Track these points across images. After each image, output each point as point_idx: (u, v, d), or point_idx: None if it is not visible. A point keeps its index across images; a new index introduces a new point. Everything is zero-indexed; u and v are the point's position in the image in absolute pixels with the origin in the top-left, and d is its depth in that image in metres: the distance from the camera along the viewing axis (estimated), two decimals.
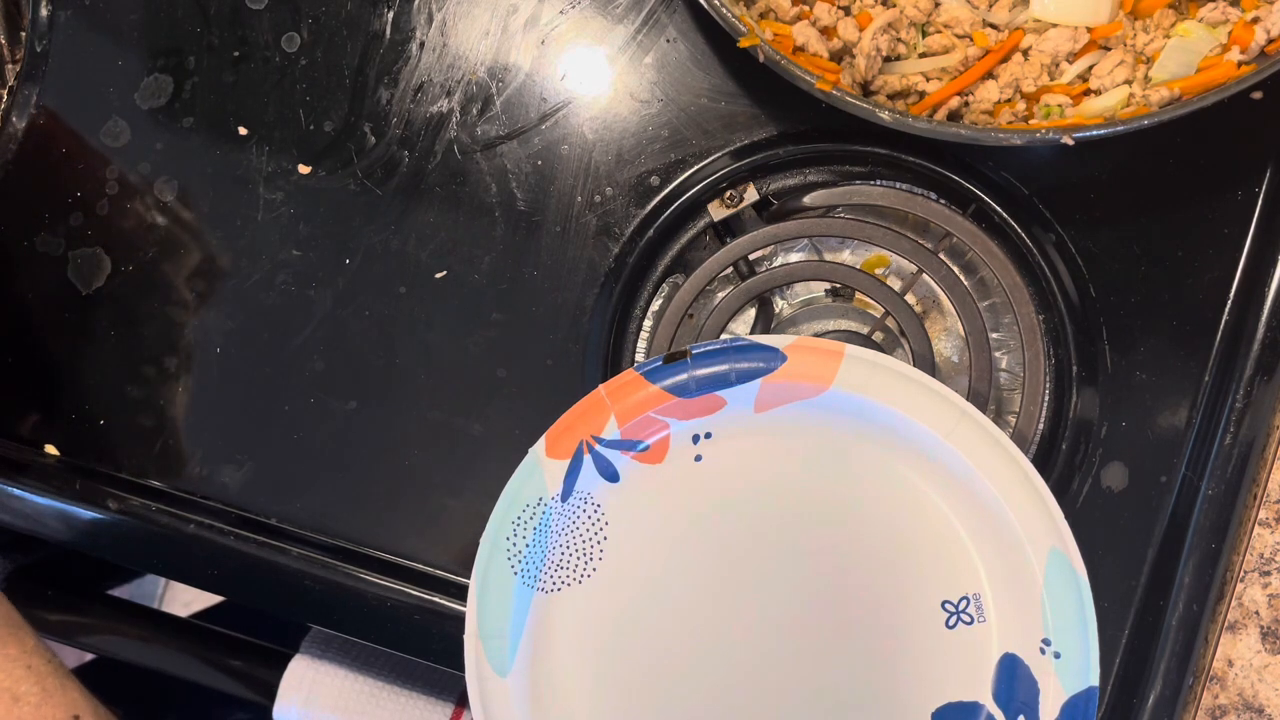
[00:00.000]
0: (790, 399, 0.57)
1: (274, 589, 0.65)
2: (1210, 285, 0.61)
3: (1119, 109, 0.58)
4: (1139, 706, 0.61)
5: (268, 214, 0.65)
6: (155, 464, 0.66)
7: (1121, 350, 0.62)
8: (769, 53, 0.56)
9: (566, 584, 0.59)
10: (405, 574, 0.64)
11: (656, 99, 0.64)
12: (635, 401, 0.57)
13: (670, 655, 0.58)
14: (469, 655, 0.57)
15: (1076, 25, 0.58)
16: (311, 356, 0.65)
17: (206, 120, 0.66)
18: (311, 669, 0.69)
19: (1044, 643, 0.56)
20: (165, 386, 0.66)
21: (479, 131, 0.65)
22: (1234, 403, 0.60)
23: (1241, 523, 0.61)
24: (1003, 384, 0.64)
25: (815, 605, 0.58)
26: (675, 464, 0.58)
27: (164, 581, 1.25)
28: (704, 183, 0.63)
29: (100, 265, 0.66)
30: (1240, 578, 0.62)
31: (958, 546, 0.57)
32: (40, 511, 0.66)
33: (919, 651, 0.57)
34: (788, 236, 0.63)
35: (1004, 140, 0.54)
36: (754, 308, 0.65)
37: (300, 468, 0.65)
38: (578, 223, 0.64)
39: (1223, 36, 0.57)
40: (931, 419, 0.56)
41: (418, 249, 0.65)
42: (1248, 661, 0.62)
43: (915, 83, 0.60)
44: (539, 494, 0.57)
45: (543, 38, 0.65)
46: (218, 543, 0.64)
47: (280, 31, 0.66)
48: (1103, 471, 0.62)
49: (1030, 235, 0.63)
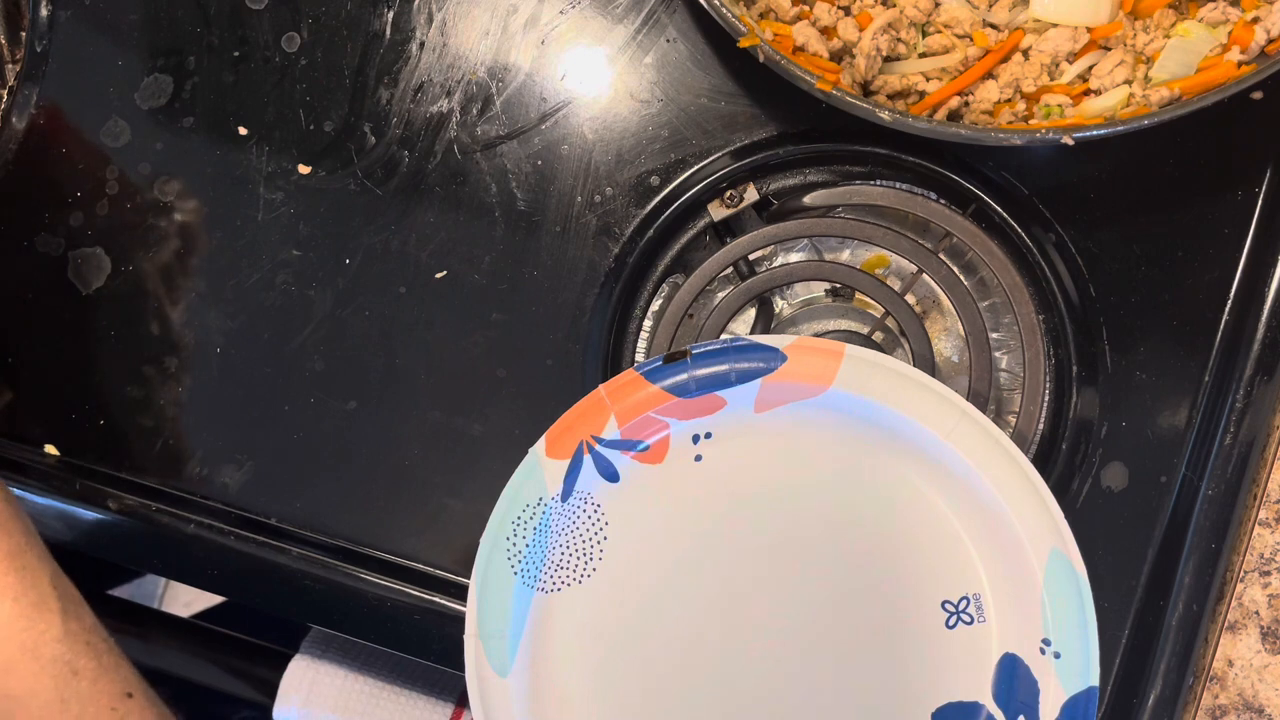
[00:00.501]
0: (790, 399, 0.57)
1: (274, 589, 0.65)
2: (1210, 285, 0.61)
3: (1119, 109, 0.58)
4: (1139, 706, 0.61)
5: (268, 214, 0.65)
6: (155, 464, 0.66)
7: (1121, 350, 0.62)
8: (769, 53, 0.56)
9: (566, 584, 0.59)
10: (405, 574, 0.64)
11: (656, 99, 0.64)
12: (635, 401, 0.57)
13: (670, 655, 0.58)
14: (469, 655, 0.57)
15: (1076, 25, 0.58)
16: (311, 356, 0.65)
17: (206, 120, 0.66)
18: (311, 669, 0.69)
19: (1044, 643, 0.56)
20: (165, 386, 0.66)
21: (479, 131, 0.65)
22: (1234, 403, 0.60)
23: (1241, 523, 0.61)
24: (1003, 384, 0.64)
25: (815, 605, 0.58)
26: (675, 464, 0.58)
27: (164, 581, 1.25)
28: (704, 183, 0.63)
29: (100, 265, 0.66)
30: (1240, 578, 0.62)
31: (958, 546, 0.57)
32: (40, 511, 0.66)
33: (919, 651, 0.57)
34: (788, 236, 0.63)
35: (1004, 140, 0.54)
36: (754, 308, 0.65)
37: (300, 468, 0.65)
38: (578, 223, 0.64)
39: (1223, 36, 0.57)
40: (931, 419, 0.56)
41: (418, 249, 0.65)
42: (1248, 661, 0.62)
43: (915, 83, 0.60)
44: (539, 494, 0.57)
45: (543, 38, 0.65)
46: (218, 543, 0.64)
47: (280, 31, 0.66)
48: (1103, 471, 0.62)
49: (1030, 235, 0.63)
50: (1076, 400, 0.63)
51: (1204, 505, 0.60)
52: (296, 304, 0.65)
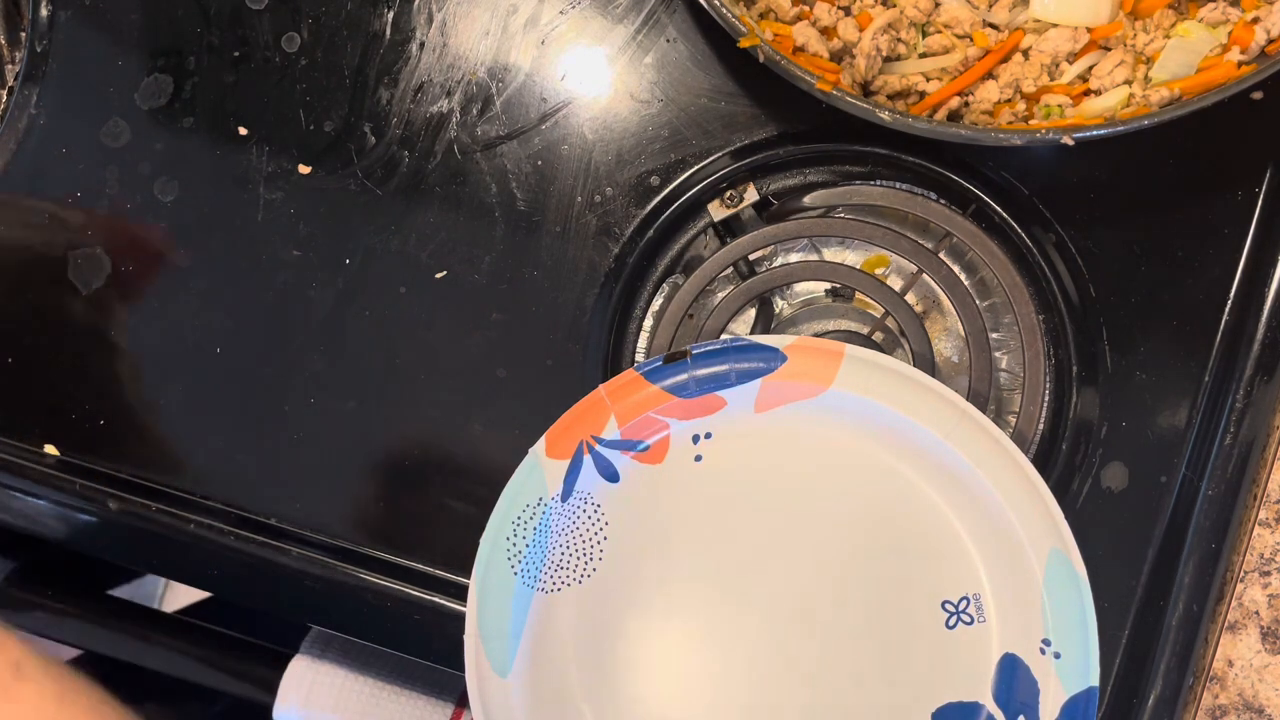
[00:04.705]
0: (790, 399, 0.57)
1: (274, 589, 0.65)
2: (1210, 285, 0.61)
3: (1119, 109, 0.58)
4: (1139, 706, 0.61)
5: (268, 214, 0.65)
6: (155, 464, 0.66)
7: (1121, 350, 0.62)
8: (769, 53, 0.56)
9: (566, 584, 0.59)
10: (405, 574, 0.64)
11: (656, 99, 0.64)
12: (635, 401, 0.57)
13: (670, 655, 0.58)
14: (469, 655, 0.57)
15: (1076, 25, 0.58)
16: (311, 356, 0.65)
17: (206, 120, 0.66)
18: (311, 669, 0.69)
19: (1044, 643, 0.56)
20: (165, 386, 0.66)
21: (479, 131, 0.65)
22: (1234, 403, 0.60)
23: (1241, 523, 0.61)
24: (1003, 384, 0.64)
25: (815, 605, 0.58)
26: (675, 464, 0.58)
27: (164, 581, 1.25)
28: (704, 183, 0.63)
29: (100, 265, 0.66)
30: (1240, 578, 0.62)
31: (958, 546, 0.57)
32: (40, 511, 0.66)
33: (919, 651, 0.57)
34: (788, 236, 0.63)
35: (1004, 140, 0.54)
36: (754, 308, 0.65)
37: (300, 468, 0.65)
38: (578, 223, 0.64)
39: (1223, 36, 0.57)
40: (931, 419, 0.56)
41: (418, 249, 0.65)
42: (1248, 661, 0.62)
43: (915, 83, 0.60)
44: (539, 494, 0.57)
45: (543, 38, 0.65)
46: (218, 543, 0.64)
47: (280, 31, 0.66)
48: (1103, 471, 0.62)
49: (1030, 235, 0.63)
50: (1076, 400, 0.63)
51: (1204, 505, 0.60)
52: (296, 304, 0.65)
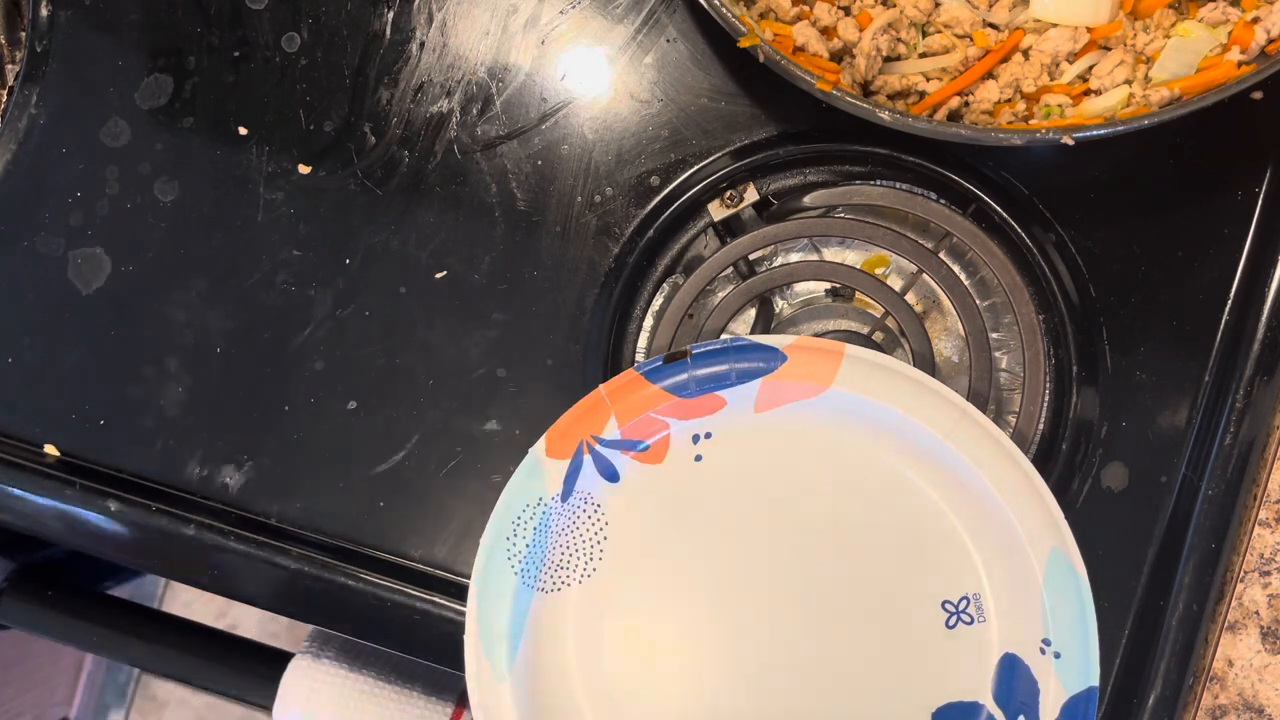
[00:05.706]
0: (790, 399, 0.57)
1: (274, 589, 0.65)
2: (1210, 285, 0.61)
3: (1119, 109, 0.58)
4: (1139, 706, 0.61)
5: (268, 214, 0.65)
6: (155, 464, 0.66)
7: (1121, 350, 0.62)
8: (769, 53, 0.56)
9: (566, 584, 0.59)
10: (405, 574, 0.64)
11: (656, 99, 0.64)
12: (635, 401, 0.57)
13: (670, 655, 0.58)
14: (469, 655, 0.57)
15: (1076, 25, 0.58)
16: (311, 356, 0.65)
17: (206, 120, 0.66)
18: (311, 669, 0.69)
19: (1044, 643, 0.56)
20: (165, 386, 0.66)
21: (479, 131, 0.65)
22: (1234, 403, 0.60)
23: (1241, 523, 0.61)
24: (1003, 384, 0.64)
25: (815, 605, 0.58)
26: (675, 464, 0.58)
27: (164, 581, 1.26)
28: (704, 183, 0.63)
29: (100, 265, 0.66)
30: (1240, 578, 0.62)
31: (958, 546, 0.57)
32: (40, 511, 0.66)
33: (919, 651, 0.57)
34: (788, 236, 0.63)
35: (1004, 140, 0.54)
36: (754, 308, 0.65)
37: (300, 468, 0.65)
38: (578, 223, 0.64)
39: (1223, 36, 0.57)
40: (931, 419, 0.56)
41: (418, 249, 0.65)
42: (1248, 661, 0.62)
43: (915, 83, 0.60)
44: (539, 494, 0.57)
45: (543, 38, 0.65)
46: (218, 543, 0.64)
47: (280, 31, 0.66)
48: (1103, 471, 0.62)
49: (1030, 235, 0.63)
50: (1076, 400, 0.63)
51: (1204, 505, 0.60)
52: (296, 304, 0.65)
